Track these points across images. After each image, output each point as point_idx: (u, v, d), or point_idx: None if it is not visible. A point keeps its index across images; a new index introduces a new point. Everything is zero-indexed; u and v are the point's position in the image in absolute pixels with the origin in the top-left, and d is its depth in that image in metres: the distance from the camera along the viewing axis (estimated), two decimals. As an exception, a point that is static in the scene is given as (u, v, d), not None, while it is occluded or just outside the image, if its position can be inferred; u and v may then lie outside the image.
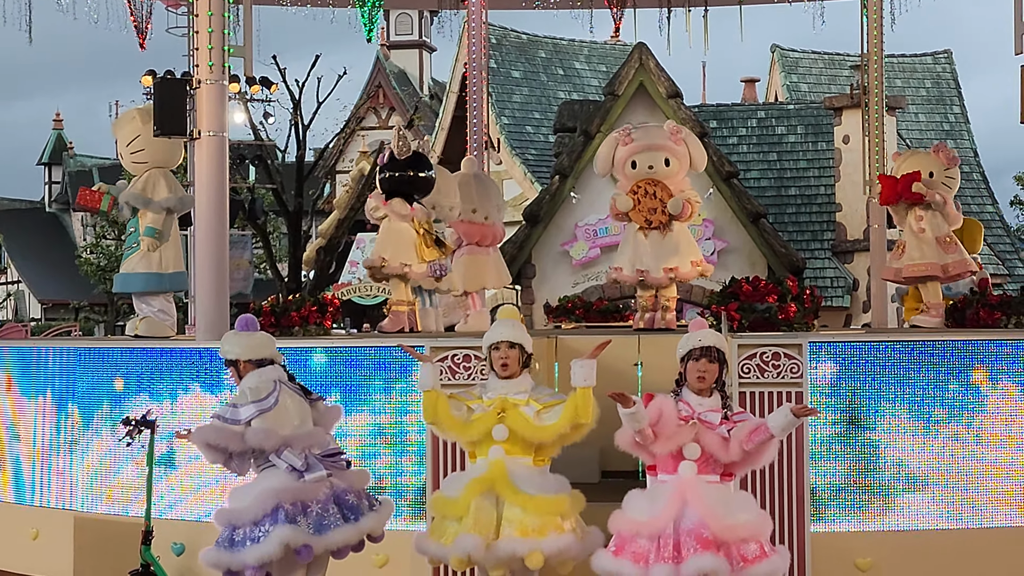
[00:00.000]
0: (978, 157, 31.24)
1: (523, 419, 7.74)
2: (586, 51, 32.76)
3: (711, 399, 7.55)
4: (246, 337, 8.08)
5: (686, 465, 7.41)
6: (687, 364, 7.63)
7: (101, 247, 43.20)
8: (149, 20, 18.71)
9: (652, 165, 11.59)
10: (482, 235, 13.91)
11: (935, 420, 9.07)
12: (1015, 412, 9.11)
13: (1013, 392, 9.11)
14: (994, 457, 9.10)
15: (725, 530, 7.23)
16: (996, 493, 9.11)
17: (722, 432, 7.38)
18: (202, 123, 10.54)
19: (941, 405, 9.08)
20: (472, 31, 17.98)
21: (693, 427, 7.40)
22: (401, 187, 12.28)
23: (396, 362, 9.36)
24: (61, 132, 58.48)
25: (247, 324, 8.14)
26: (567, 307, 15.58)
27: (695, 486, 7.34)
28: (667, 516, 7.29)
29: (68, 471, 10.44)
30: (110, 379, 10.18)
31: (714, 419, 7.42)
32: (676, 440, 7.42)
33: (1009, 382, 9.12)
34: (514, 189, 29.36)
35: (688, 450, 7.42)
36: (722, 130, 28.05)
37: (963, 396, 9.10)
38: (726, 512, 7.29)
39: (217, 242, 10.71)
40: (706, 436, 7.40)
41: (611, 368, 11.12)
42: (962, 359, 9.14)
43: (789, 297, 10.11)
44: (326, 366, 9.50)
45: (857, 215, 24.56)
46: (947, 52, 32.98)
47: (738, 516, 7.31)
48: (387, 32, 47.53)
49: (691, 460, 7.40)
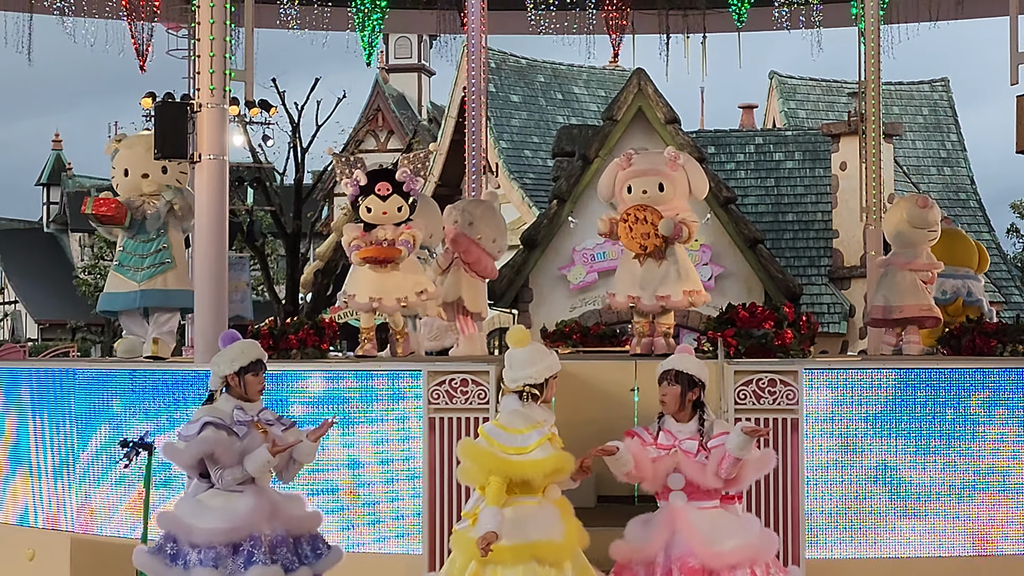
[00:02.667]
0: (975, 185, 31.34)
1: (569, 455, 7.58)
2: (585, 76, 32.87)
3: (690, 425, 7.62)
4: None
5: (675, 494, 7.49)
6: (660, 387, 7.76)
7: (99, 268, 43.23)
8: (149, 42, 18.79)
9: (646, 190, 11.46)
10: (485, 266, 13.72)
11: (931, 447, 9.08)
12: (1010, 439, 9.12)
13: (1008, 419, 9.12)
14: (990, 485, 9.11)
15: (712, 558, 7.27)
16: (992, 521, 9.11)
17: (700, 460, 7.45)
18: (203, 146, 10.57)
19: (937, 432, 9.09)
20: (471, 55, 18.04)
21: (673, 456, 7.47)
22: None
23: (391, 386, 9.38)
24: (60, 153, 58.56)
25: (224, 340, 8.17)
26: (564, 331, 15.60)
27: (684, 514, 7.41)
28: (657, 544, 7.38)
29: (64, 492, 10.44)
30: (107, 400, 10.19)
31: (691, 447, 7.49)
32: (658, 474, 7.51)
33: (1005, 409, 9.13)
34: (512, 213, 29.39)
35: (671, 480, 7.50)
36: (720, 156, 28.13)
37: (959, 423, 9.11)
38: (714, 539, 7.33)
39: (216, 264, 10.73)
40: (685, 465, 7.48)
41: (608, 393, 11.16)
42: (958, 387, 9.15)
43: (785, 323, 10.13)
44: (323, 389, 9.51)
45: (854, 241, 24.62)
46: (944, 80, 33.11)
47: (727, 543, 7.33)
48: (386, 56, 47.67)
49: (677, 489, 7.45)
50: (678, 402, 7.68)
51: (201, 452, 7.71)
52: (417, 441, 9.16)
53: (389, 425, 9.33)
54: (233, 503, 7.71)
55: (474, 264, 13.39)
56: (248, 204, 28.03)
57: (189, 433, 7.75)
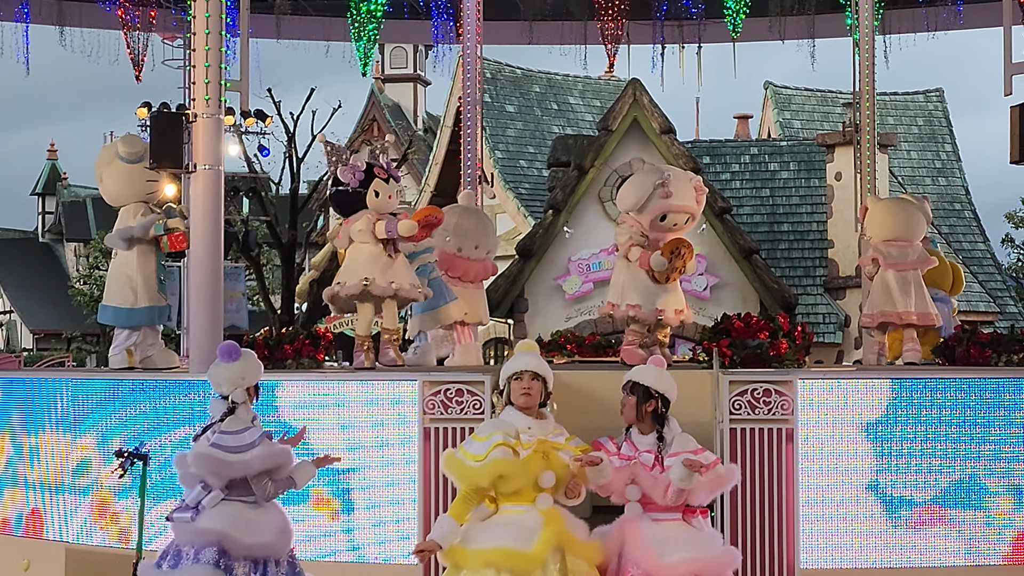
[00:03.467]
0: (970, 195, 31.39)
1: (564, 465, 7.63)
2: (580, 86, 32.91)
3: (650, 437, 7.68)
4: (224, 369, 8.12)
5: (632, 505, 7.59)
6: (623, 396, 7.94)
7: (94, 277, 43.19)
8: (145, 53, 18.81)
9: (677, 223, 11.54)
10: (476, 271, 13.74)
11: (925, 457, 9.09)
12: (1005, 450, 9.13)
13: (1003, 430, 9.13)
14: (984, 495, 9.11)
15: (657, 569, 7.31)
16: (986, 531, 9.11)
17: (655, 474, 7.54)
18: (198, 156, 10.59)
19: (931, 442, 9.09)
20: (467, 65, 18.06)
21: (632, 468, 7.58)
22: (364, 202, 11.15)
23: (387, 396, 9.39)
24: (55, 163, 58.57)
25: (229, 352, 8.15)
26: (559, 342, 15.60)
27: (635, 525, 7.48)
28: (610, 554, 7.51)
29: (59, 502, 10.43)
30: (102, 410, 10.19)
31: (648, 460, 7.56)
32: (616, 486, 7.59)
33: (999, 419, 9.14)
34: (507, 223, 29.42)
35: (629, 491, 7.58)
36: (715, 166, 28.16)
37: (953, 433, 9.11)
38: (663, 551, 7.36)
39: (211, 274, 10.74)
40: (641, 477, 7.57)
41: (602, 401, 11.16)
42: (953, 397, 9.16)
43: (781, 333, 10.15)
44: (319, 398, 9.52)
45: (849, 251, 24.63)
46: (939, 91, 33.17)
47: (675, 555, 7.36)
48: (382, 66, 47.72)
49: (634, 500, 7.54)
50: (634, 412, 7.81)
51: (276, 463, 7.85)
52: (412, 450, 9.17)
53: (384, 434, 9.33)
54: (270, 516, 7.88)
55: (462, 276, 13.40)
56: (243, 214, 28.00)
57: (246, 443, 7.80)
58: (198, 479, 7.85)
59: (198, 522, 7.75)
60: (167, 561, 7.83)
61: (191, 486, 7.91)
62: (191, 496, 7.85)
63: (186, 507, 7.83)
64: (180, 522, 7.81)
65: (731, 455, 8.90)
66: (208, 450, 7.83)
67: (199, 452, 7.86)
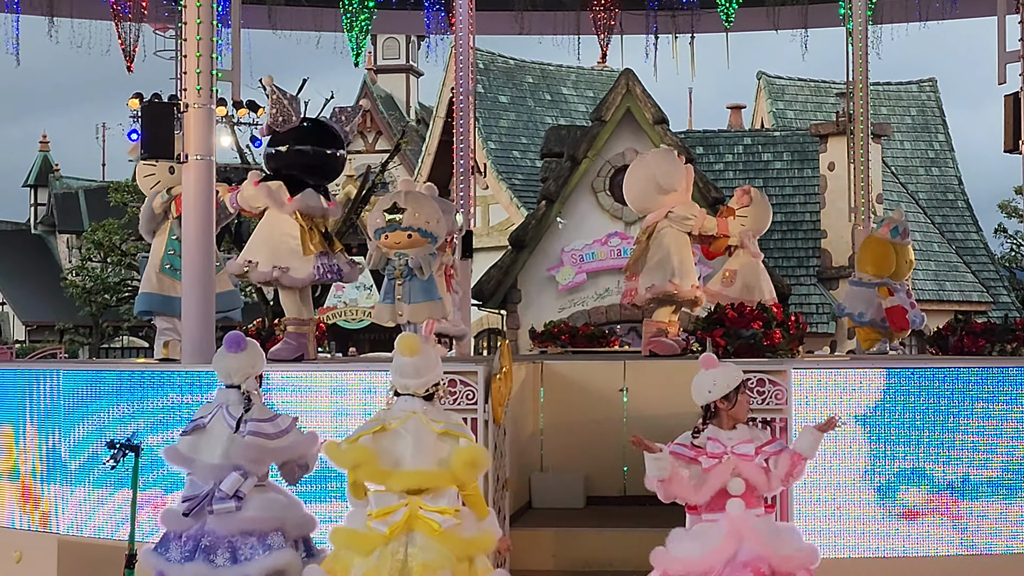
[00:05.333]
0: (963, 185, 31.41)
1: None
2: (573, 77, 32.90)
3: (739, 431, 7.49)
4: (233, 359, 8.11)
5: (734, 503, 7.26)
6: (736, 397, 7.48)
7: (86, 269, 43.12)
8: (137, 43, 18.75)
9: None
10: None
11: (920, 446, 9.09)
12: (999, 438, 9.13)
13: (996, 418, 9.12)
14: (979, 483, 9.11)
15: (782, 561, 7.20)
16: (982, 520, 9.11)
17: (759, 463, 7.33)
18: (190, 147, 10.55)
19: (926, 431, 9.09)
20: (459, 56, 18.03)
21: (729, 463, 7.33)
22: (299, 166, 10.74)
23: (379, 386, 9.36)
24: (47, 154, 58.44)
25: (237, 342, 8.14)
26: (553, 332, 15.61)
27: (747, 522, 7.24)
28: (721, 555, 7.19)
29: (52, 493, 10.41)
30: (94, 401, 10.16)
31: (748, 450, 7.38)
32: (714, 482, 7.30)
33: (993, 409, 9.13)
34: (500, 214, 29.43)
35: (733, 486, 7.29)
36: (708, 156, 28.17)
37: (947, 422, 9.11)
38: (780, 543, 7.27)
39: (204, 265, 10.71)
40: (746, 469, 7.32)
41: (596, 393, 11.17)
42: (946, 386, 9.15)
43: (774, 323, 10.14)
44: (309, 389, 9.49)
45: (842, 242, 24.66)
46: (932, 80, 33.19)
47: (788, 547, 7.29)
48: (374, 56, 47.68)
49: (737, 496, 7.29)
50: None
51: (309, 448, 8.02)
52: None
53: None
54: (282, 495, 8.02)
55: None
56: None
57: (283, 428, 7.92)
58: (229, 468, 7.79)
59: (247, 511, 7.75)
60: (203, 555, 7.69)
61: (206, 478, 7.84)
62: (228, 484, 7.74)
63: (224, 497, 7.75)
64: (223, 512, 7.74)
65: (725, 445, 8.88)
66: (252, 439, 7.84)
67: (245, 443, 7.83)
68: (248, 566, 7.64)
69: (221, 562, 7.67)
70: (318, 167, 10.93)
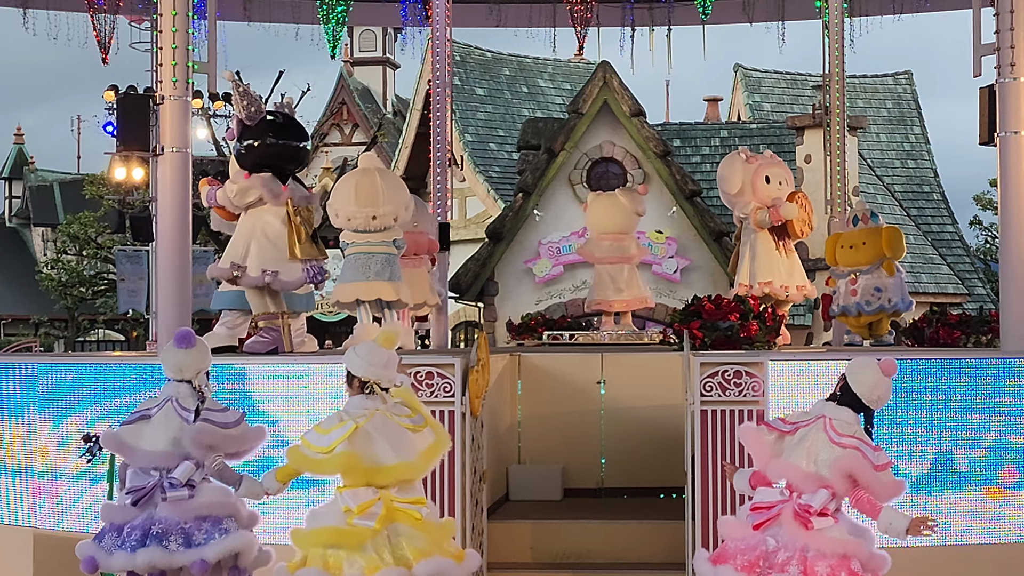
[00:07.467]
0: (938, 178, 31.50)
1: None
2: (550, 69, 32.87)
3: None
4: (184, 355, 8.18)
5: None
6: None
7: (62, 262, 42.91)
8: (112, 35, 18.65)
9: (782, 182, 12.26)
10: (417, 245, 12.94)
11: (895, 437, 9.12)
12: (974, 430, 9.16)
13: (970, 410, 9.16)
14: (954, 475, 9.15)
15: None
16: (964, 510, 9.15)
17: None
18: (165, 139, 10.52)
19: (902, 423, 9.12)
20: (436, 48, 18.00)
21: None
22: (277, 159, 10.51)
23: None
24: (22, 147, 58.09)
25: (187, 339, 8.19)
26: (530, 324, 15.61)
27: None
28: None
29: (27, 488, 10.36)
30: (70, 395, 10.11)
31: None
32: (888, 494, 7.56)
33: (966, 400, 9.17)
34: (477, 206, 29.41)
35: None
36: (685, 149, 28.18)
37: (923, 414, 9.14)
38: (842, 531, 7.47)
39: (180, 258, 10.69)
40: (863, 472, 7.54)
41: (574, 385, 11.19)
42: (921, 377, 9.19)
43: (751, 315, 10.16)
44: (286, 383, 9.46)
45: (818, 234, 24.60)
46: (908, 73, 33.26)
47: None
48: (351, 49, 47.53)
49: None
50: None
51: (257, 441, 8.22)
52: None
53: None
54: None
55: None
56: (212, 198, 27.89)
57: (232, 420, 8.08)
58: (175, 456, 7.87)
59: (200, 497, 7.84)
60: (155, 541, 7.73)
61: (147, 466, 7.91)
62: (181, 471, 7.82)
63: (178, 484, 7.81)
64: (176, 500, 7.79)
65: (702, 437, 8.91)
66: (206, 425, 7.95)
67: (199, 427, 7.92)
68: (203, 550, 7.72)
69: (175, 547, 7.72)
70: (292, 158, 10.74)
